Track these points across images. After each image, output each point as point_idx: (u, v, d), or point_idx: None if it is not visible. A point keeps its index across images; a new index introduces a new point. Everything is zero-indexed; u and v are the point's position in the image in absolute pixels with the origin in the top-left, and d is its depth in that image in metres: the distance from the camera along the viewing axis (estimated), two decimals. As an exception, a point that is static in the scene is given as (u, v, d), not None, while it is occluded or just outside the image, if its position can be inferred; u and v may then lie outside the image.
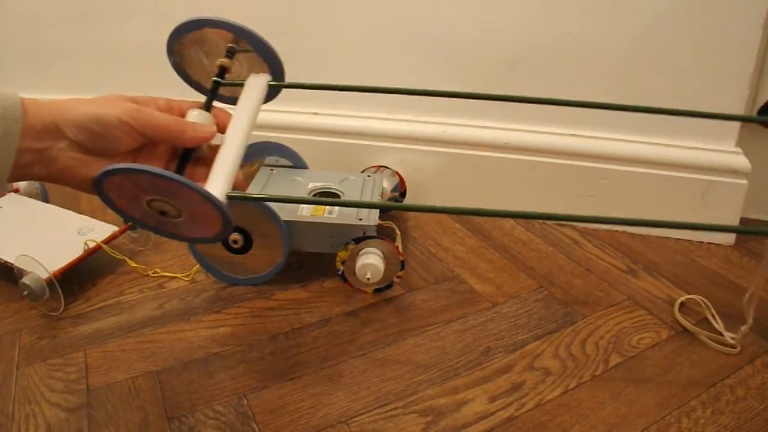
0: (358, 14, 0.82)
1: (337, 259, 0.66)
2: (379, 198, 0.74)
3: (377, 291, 0.68)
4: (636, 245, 0.79)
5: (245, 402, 0.53)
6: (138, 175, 0.39)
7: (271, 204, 0.65)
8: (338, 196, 0.75)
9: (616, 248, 0.78)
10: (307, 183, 0.76)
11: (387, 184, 0.82)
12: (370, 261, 0.64)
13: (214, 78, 0.50)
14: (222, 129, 0.47)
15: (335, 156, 0.88)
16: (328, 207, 0.71)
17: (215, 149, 0.45)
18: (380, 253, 0.65)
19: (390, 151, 0.86)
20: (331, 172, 0.80)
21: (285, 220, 0.66)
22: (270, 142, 0.80)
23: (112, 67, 0.97)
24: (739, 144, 0.76)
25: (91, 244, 0.69)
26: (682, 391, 0.54)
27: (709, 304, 0.65)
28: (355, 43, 0.84)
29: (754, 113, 0.78)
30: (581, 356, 0.58)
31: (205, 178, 0.43)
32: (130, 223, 0.74)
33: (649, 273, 0.72)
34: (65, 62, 0.98)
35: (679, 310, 0.65)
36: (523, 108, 0.82)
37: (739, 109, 0.74)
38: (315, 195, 0.75)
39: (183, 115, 0.46)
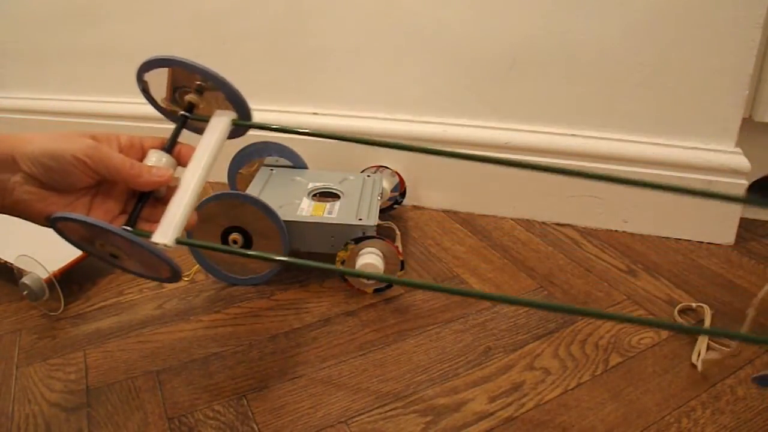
0: (359, 14, 0.82)
1: (337, 259, 0.66)
2: (379, 198, 0.74)
3: (377, 291, 0.68)
4: (636, 245, 0.79)
5: (245, 402, 0.53)
6: (86, 225, 0.40)
7: (270, 204, 0.65)
8: (338, 196, 0.75)
9: (616, 248, 0.78)
10: (307, 183, 0.76)
11: (387, 184, 0.82)
12: (370, 261, 0.64)
13: (182, 113, 0.50)
14: (185, 164, 0.47)
15: (335, 156, 0.88)
16: (328, 206, 0.71)
17: (174, 190, 0.46)
18: (380, 253, 0.65)
19: (390, 151, 0.86)
20: (331, 172, 0.80)
21: (285, 221, 0.66)
22: (270, 142, 0.80)
23: (112, 67, 0.97)
24: (739, 144, 0.76)
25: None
26: (682, 391, 0.54)
27: (707, 307, 0.65)
28: (356, 44, 0.84)
29: (754, 114, 0.78)
30: (581, 356, 0.58)
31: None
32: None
33: (649, 273, 0.72)
34: (65, 62, 0.98)
35: (678, 313, 0.65)
36: (523, 108, 0.82)
37: (738, 109, 0.74)
38: (315, 195, 0.75)
39: (144, 152, 0.47)
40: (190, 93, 0.50)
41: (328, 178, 0.78)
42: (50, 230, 0.46)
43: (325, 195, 0.75)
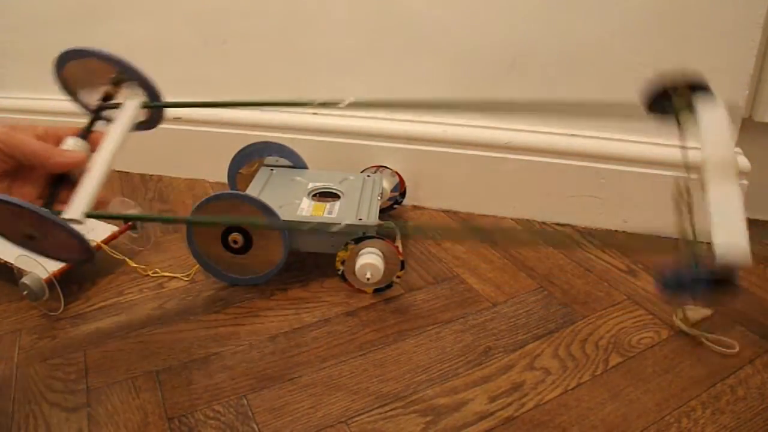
0: (359, 14, 0.82)
1: (337, 259, 0.66)
2: (379, 198, 0.74)
3: (377, 291, 0.68)
4: (636, 245, 0.79)
5: (245, 402, 0.53)
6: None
7: (270, 204, 0.65)
8: (338, 195, 0.75)
9: (616, 248, 0.78)
10: (307, 183, 0.76)
11: (387, 184, 0.82)
12: (370, 261, 0.64)
13: (96, 102, 0.53)
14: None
15: (335, 156, 0.88)
16: (328, 206, 0.71)
17: None
18: (380, 253, 0.65)
19: (390, 151, 0.86)
20: (331, 172, 0.80)
21: (285, 220, 0.66)
22: (270, 142, 0.80)
23: (112, 67, 0.97)
24: (739, 144, 0.76)
25: (92, 244, 0.69)
26: (682, 391, 0.54)
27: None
28: (356, 44, 0.84)
29: (754, 114, 0.78)
30: (581, 356, 0.58)
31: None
32: (130, 223, 0.74)
33: (649, 273, 0.72)
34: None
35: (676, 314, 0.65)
36: (523, 108, 0.82)
37: (738, 109, 0.74)
38: (315, 195, 0.75)
39: (59, 142, 0.49)
40: (107, 85, 0.53)
41: (328, 178, 0.78)
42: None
43: (325, 195, 0.75)
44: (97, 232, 0.72)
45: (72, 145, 0.49)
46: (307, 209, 0.70)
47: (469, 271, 0.73)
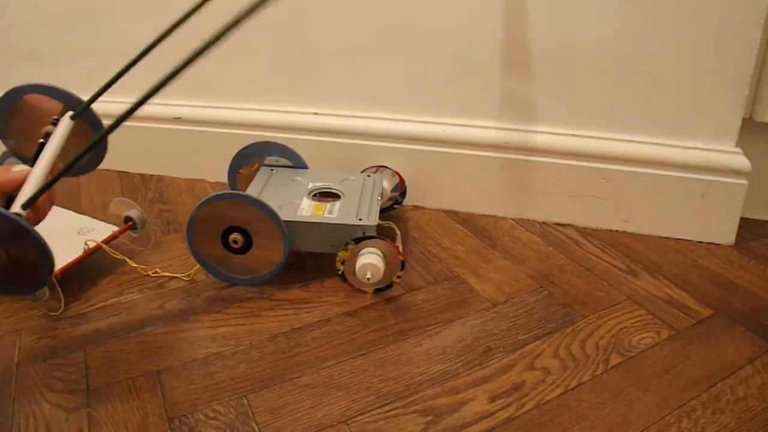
0: (359, 14, 0.82)
1: (337, 259, 0.66)
2: (379, 198, 0.74)
3: (377, 291, 0.68)
4: (636, 245, 0.79)
5: (245, 402, 0.53)
6: None
7: (270, 204, 0.65)
8: (338, 196, 0.75)
9: (616, 248, 0.78)
10: (307, 183, 0.77)
11: (387, 184, 0.82)
12: (370, 261, 0.64)
13: (40, 141, 0.57)
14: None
15: (335, 156, 0.88)
16: (328, 206, 0.71)
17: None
18: (380, 253, 0.65)
19: (390, 151, 0.86)
20: (331, 172, 0.80)
21: (285, 221, 0.66)
22: (270, 142, 0.80)
23: (112, 68, 0.97)
24: (739, 144, 0.76)
25: (91, 244, 0.69)
26: (682, 391, 0.54)
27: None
28: (356, 44, 0.84)
29: (754, 114, 0.78)
30: (581, 356, 0.58)
31: (31, 219, 0.51)
32: (130, 223, 0.74)
33: (649, 273, 0.72)
34: (65, 62, 0.98)
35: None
36: (523, 108, 0.82)
37: (738, 109, 0.74)
38: (315, 195, 0.75)
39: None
40: (48, 124, 0.59)
41: (329, 178, 0.78)
42: (50, 230, 0.47)
43: (326, 195, 0.75)
44: (97, 232, 0.72)
45: (21, 167, 0.53)
46: (307, 209, 0.70)
47: (469, 271, 0.73)
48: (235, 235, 0.66)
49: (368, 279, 0.64)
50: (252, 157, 0.81)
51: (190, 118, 0.94)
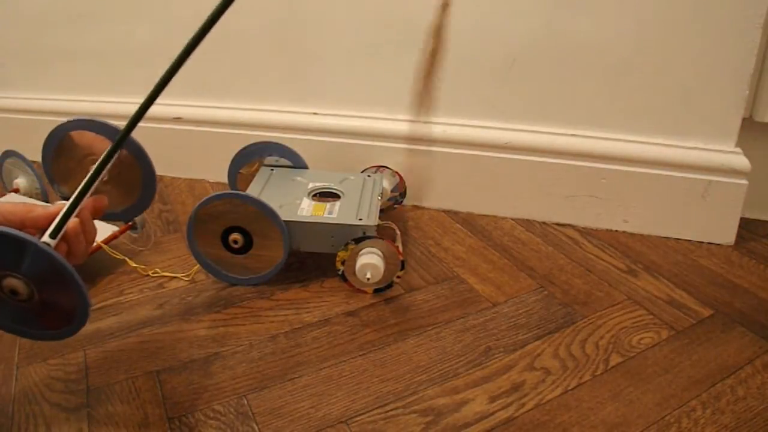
0: (359, 14, 0.82)
1: (337, 259, 0.66)
2: (379, 198, 0.74)
3: (377, 291, 0.68)
4: (636, 245, 0.79)
5: (245, 402, 0.53)
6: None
7: (270, 204, 0.65)
8: (338, 196, 0.75)
9: (616, 248, 0.78)
10: (307, 183, 0.76)
11: (387, 184, 0.82)
12: (370, 261, 0.64)
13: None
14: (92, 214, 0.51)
15: (335, 156, 0.88)
16: (328, 206, 0.71)
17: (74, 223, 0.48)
18: (380, 253, 0.65)
19: (390, 151, 0.86)
20: (331, 172, 0.80)
21: (285, 221, 0.66)
22: (270, 142, 0.80)
23: (112, 68, 0.97)
24: (739, 144, 0.76)
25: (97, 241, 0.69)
26: (682, 391, 0.54)
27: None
28: (356, 44, 0.84)
29: (754, 114, 0.78)
30: (581, 356, 0.58)
31: (64, 253, 0.47)
32: (130, 223, 0.74)
33: (649, 273, 0.72)
34: (65, 62, 0.98)
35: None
36: (523, 108, 0.82)
37: (738, 109, 0.74)
38: (315, 195, 0.75)
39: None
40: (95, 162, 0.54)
41: (329, 178, 0.78)
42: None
43: (326, 195, 0.75)
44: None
45: (59, 203, 0.49)
46: (307, 209, 0.70)
47: (469, 271, 0.73)
48: (235, 235, 0.66)
49: (368, 279, 0.64)
50: (252, 157, 0.81)
51: (190, 118, 0.94)
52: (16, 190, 0.82)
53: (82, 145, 0.56)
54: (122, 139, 0.50)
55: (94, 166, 0.49)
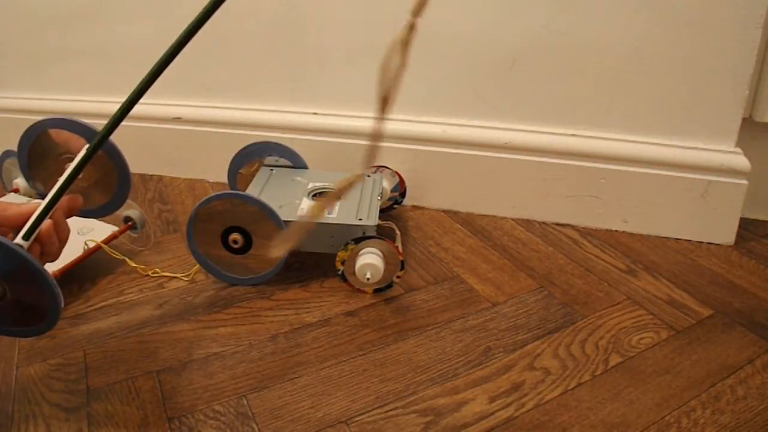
0: (358, 14, 0.82)
1: (337, 259, 0.66)
2: (379, 198, 0.74)
3: (377, 291, 0.68)
4: (636, 245, 0.79)
5: (245, 402, 0.53)
6: None
7: (270, 204, 0.65)
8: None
9: (616, 248, 0.78)
10: (307, 183, 0.77)
11: (387, 184, 0.82)
12: (370, 261, 0.64)
13: (60, 178, 0.53)
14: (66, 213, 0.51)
15: (335, 156, 0.88)
16: (328, 206, 0.71)
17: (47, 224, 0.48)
18: (380, 253, 0.65)
19: (390, 151, 0.86)
20: (331, 172, 0.80)
21: (285, 221, 0.66)
22: (270, 142, 0.80)
23: (112, 68, 0.97)
24: (739, 144, 0.76)
25: (91, 244, 0.69)
26: (682, 391, 0.54)
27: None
28: (356, 44, 0.84)
29: (754, 114, 0.78)
30: (581, 356, 0.58)
31: (37, 254, 0.47)
32: (130, 223, 0.74)
33: (649, 273, 0.72)
34: (65, 62, 0.98)
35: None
36: (523, 108, 0.82)
37: (738, 109, 0.74)
38: (315, 195, 0.75)
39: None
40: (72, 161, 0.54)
41: (328, 178, 0.78)
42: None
43: (325, 195, 0.75)
44: (96, 232, 0.72)
45: (32, 201, 0.49)
46: (307, 209, 0.70)
47: (469, 271, 0.73)
48: (235, 235, 0.66)
49: (368, 279, 0.64)
50: (252, 157, 0.81)
51: (190, 118, 0.94)
52: (16, 190, 0.82)
53: (59, 142, 0.57)
54: (99, 144, 0.49)
55: (69, 169, 0.49)
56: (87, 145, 0.51)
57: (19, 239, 0.45)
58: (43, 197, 0.52)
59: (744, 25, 0.70)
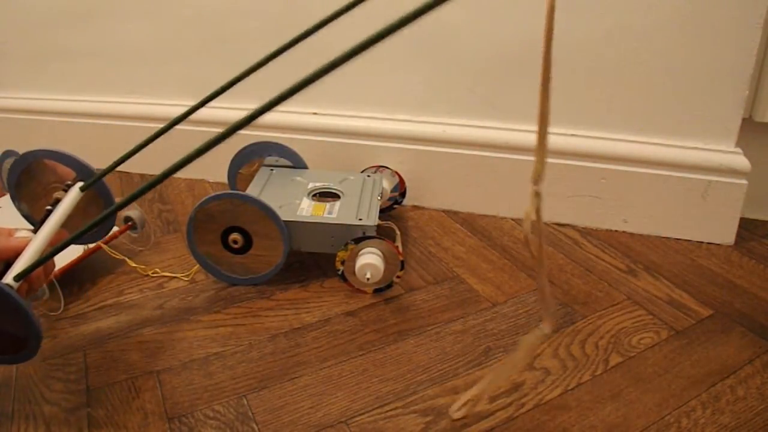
0: (358, 14, 0.82)
1: (337, 259, 0.66)
2: (379, 198, 0.74)
3: (377, 291, 0.68)
4: (636, 245, 0.79)
5: (245, 402, 0.53)
6: None
7: (270, 204, 0.65)
8: (338, 196, 0.75)
9: (616, 248, 0.78)
10: (307, 183, 0.76)
11: (387, 184, 0.82)
12: (370, 261, 0.64)
13: (47, 207, 0.55)
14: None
15: (335, 156, 0.88)
16: (328, 206, 0.71)
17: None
18: (380, 253, 0.65)
19: (390, 151, 0.86)
20: (331, 172, 0.80)
21: (285, 221, 0.66)
22: (270, 142, 0.80)
23: (112, 68, 0.97)
24: (739, 144, 0.76)
25: (91, 245, 0.69)
26: (682, 391, 0.54)
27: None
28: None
29: (754, 114, 0.78)
30: (581, 356, 0.58)
31: (24, 293, 0.48)
32: (130, 223, 0.74)
33: (649, 273, 0.72)
34: (65, 62, 0.98)
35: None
36: (523, 108, 0.82)
37: (738, 109, 0.74)
38: (315, 195, 0.75)
39: (11, 235, 0.50)
40: (59, 190, 0.57)
41: (328, 178, 0.78)
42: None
43: (325, 195, 0.75)
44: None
45: (23, 234, 0.50)
46: (307, 209, 0.70)
47: (469, 271, 0.73)
48: (234, 235, 0.66)
49: (368, 279, 0.64)
50: (252, 157, 0.81)
51: (190, 118, 0.94)
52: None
53: (51, 171, 0.59)
54: (113, 211, 0.49)
55: (82, 227, 0.48)
56: (80, 183, 0.56)
57: (9, 279, 0.46)
58: (26, 218, 0.56)
59: (744, 26, 0.70)
